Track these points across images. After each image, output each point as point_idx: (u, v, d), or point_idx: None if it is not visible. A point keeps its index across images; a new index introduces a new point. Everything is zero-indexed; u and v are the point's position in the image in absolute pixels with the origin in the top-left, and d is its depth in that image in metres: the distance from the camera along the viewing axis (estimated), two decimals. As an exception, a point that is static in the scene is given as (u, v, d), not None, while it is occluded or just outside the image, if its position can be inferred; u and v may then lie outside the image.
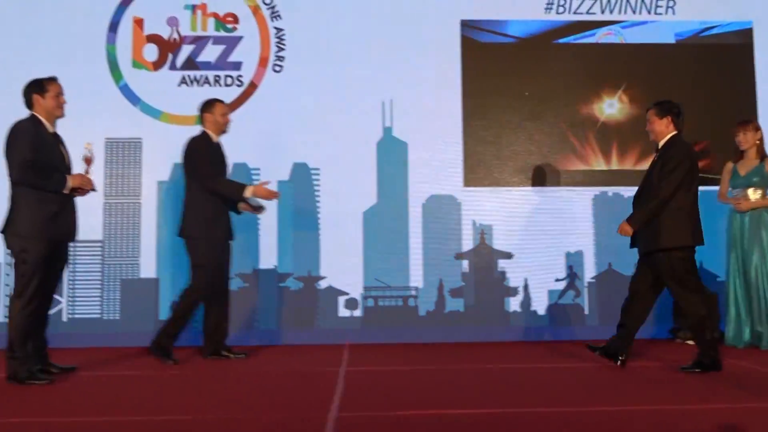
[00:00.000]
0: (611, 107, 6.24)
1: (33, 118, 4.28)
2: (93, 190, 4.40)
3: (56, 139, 4.35)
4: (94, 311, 5.83)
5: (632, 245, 4.52)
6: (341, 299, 5.95)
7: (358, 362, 4.86)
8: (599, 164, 6.19)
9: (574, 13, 6.30)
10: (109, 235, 5.90)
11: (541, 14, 6.32)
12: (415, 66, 6.15)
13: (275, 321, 5.90)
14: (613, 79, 6.26)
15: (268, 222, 5.93)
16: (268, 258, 5.95)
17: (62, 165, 4.30)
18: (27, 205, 4.11)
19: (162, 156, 5.97)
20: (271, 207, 5.93)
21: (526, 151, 6.19)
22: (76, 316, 5.83)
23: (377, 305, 5.96)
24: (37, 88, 4.28)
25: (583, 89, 6.26)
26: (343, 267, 5.96)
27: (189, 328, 5.70)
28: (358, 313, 5.96)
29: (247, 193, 4.88)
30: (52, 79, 4.34)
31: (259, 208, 5.13)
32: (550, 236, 6.06)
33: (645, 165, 6.06)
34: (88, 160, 4.34)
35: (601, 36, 6.25)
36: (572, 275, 6.04)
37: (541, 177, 6.15)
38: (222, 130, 5.05)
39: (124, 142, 5.97)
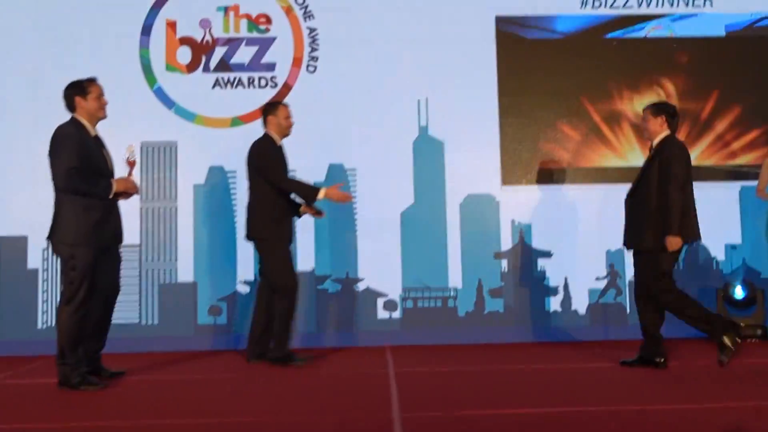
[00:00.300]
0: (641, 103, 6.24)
1: (75, 122, 4.33)
2: (137, 193, 4.49)
3: (98, 143, 4.43)
4: (133, 316, 5.91)
5: (628, 247, 4.76)
6: (380, 301, 6.02)
7: (404, 364, 4.94)
8: (638, 161, 6.14)
9: (611, 7, 6.32)
10: (146, 240, 6.00)
11: (576, 9, 6.33)
12: (451, 64, 6.21)
13: (314, 324, 5.97)
14: (654, 72, 6.29)
15: (305, 224, 5.97)
16: (306, 260, 6.01)
17: (105, 169, 4.38)
18: (73, 211, 4.18)
19: (198, 159, 6.07)
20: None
21: (563, 149, 6.23)
22: (115, 321, 5.82)
23: (416, 307, 6.03)
24: (78, 90, 4.32)
25: (622, 84, 6.28)
26: (381, 268, 6.02)
27: (228, 332, 5.84)
28: (397, 314, 6.02)
29: (321, 195, 4.94)
30: (92, 80, 4.39)
31: (320, 213, 5.20)
32: (590, 234, 6.08)
33: (686, 161, 6.13)
34: (132, 163, 4.42)
35: (650, 30, 6.27)
36: (613, 273, 6.08)
37: (579, 174, 6.20)
38: (285, 133, 5.14)
39: (160, 146, 6.07)
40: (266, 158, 4.98)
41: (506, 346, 5.76)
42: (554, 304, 6.07)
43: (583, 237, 6.08)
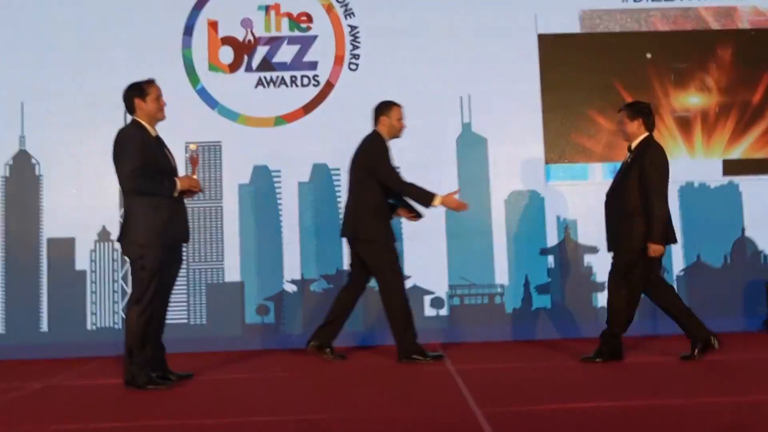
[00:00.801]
0: (695, 96, 6.31)
1: (136, 124, 4.41)
2: (201, 191, 4.56)
3: (159, 143, 4.50)
4: (182, 316, 6.00)
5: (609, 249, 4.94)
6: (427, 298, 6.09)
7: (460, 361, 4.99)
8: (684, 155, 6.27)
9: (652, 0, 6.35)
10: (192, 240, 5.94)
11: (617, 3, 6.36)
12: (493, 60, 6.25)
13: (361, 322, 6.01)
14: (696, 65, 6.33)
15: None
16: (353, 258, 6.07)
17: (168, 168, 4.46)
18: (143, 212, 4.26)
19: (242, 159, 6.14)
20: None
21: (608, 144, 6.27)
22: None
23: (463, 304, 6.07)
24: (137, 92, 4.40)
25: (666, 77, 6.31)
26: (427, 266, 6.07)
27: (276, 332, 5.90)
28: (444, 312, 6.08)
29: (437, 201, 4.95)
30: (151, 82, 4.46)
31: (419, 216, 5.21)
32: None
33: (732, 155, 6.21)
34: (194, 161, 4.52)
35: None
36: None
37: (624, 170, 6.22)
38: (396, 134, 5.17)
39: (204, 146, 6.11)
40: (382, 159, 5.01)
41: (556, 342, 5.80)
42: (602, 299, 6.06)
43: (629, 232, 6.12)
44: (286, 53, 6.27)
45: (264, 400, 3.96)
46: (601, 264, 6.06)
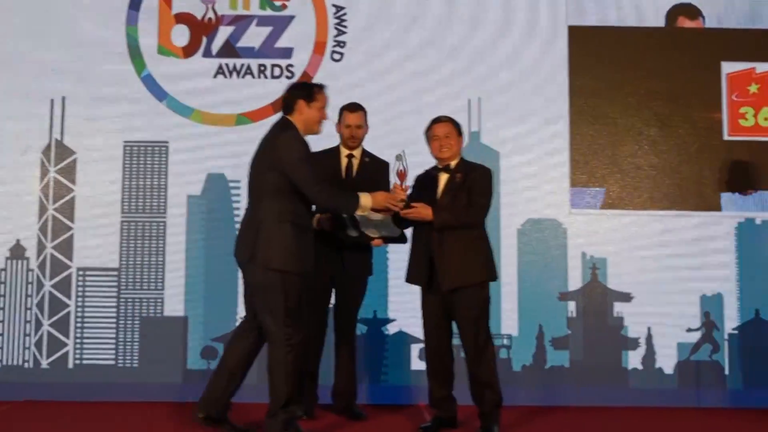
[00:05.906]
0: (762, 112, 5.73)
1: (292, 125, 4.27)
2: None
3: None
4: (107, 356, 5.49)
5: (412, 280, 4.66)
6: (414, 348, 5.48)
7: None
8: (744, 185, 5.67)
9: (712, -9, 5.84)
10: (126, 263, 5.54)
11: (670, -7, 5.85)
12: (510, 55, 5.76)
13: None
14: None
15: (324, 249, 5.38)
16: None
17: None
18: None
19: (193, 164, 5.68)
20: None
21: (649, 165, 5.68)
22: (84, 361, 5.48)
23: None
24: (305, 94, 4.27)
25: (719, 80, 5.73)
26: (415, 307, 5.29)
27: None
28: (435, 365, 5.39)
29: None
30: (322, 88, 4.36)
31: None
32: (681, 274, 5.57)
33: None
34: (402, 175, 4.38)
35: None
36: (708, 324, 5.55)
37: (669, 198, 5.66)
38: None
39: (147, 147, 5.64)
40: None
41: (572, 409, 5.25)
42: (633, 359, 5.55)
43: (672, 277, 5.58)
44: (254, 37, 5.78)
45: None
46: (636, 314, 5.67)
